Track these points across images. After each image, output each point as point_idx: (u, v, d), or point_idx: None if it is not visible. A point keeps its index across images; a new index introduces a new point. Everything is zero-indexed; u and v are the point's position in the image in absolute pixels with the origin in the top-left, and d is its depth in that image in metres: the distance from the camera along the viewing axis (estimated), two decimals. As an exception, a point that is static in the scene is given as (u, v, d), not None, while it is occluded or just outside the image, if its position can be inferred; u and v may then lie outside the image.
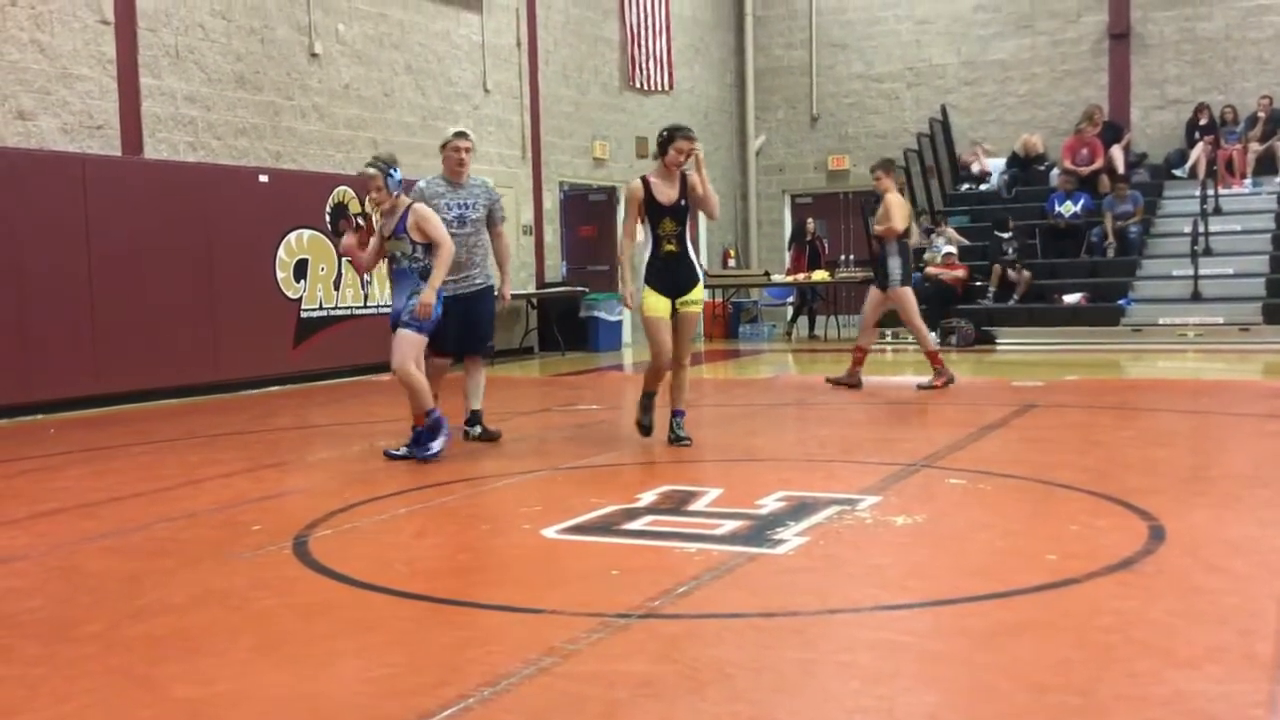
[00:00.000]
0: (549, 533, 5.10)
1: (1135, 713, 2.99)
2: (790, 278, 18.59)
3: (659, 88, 19.14)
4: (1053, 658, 3.40)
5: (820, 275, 18.13)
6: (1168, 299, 15.57)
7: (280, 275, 12.42)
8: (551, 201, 17.03)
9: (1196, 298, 15.31)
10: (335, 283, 13.04)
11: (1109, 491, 5.63)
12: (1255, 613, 3.75)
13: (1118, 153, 17.53)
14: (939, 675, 3.32)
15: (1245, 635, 3.52)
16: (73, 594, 4.44)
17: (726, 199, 20.41)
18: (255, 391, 11.99)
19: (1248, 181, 17.24)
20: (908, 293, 10.17)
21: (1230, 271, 15.56)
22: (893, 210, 10.01)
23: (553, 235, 17.13)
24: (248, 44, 12.40)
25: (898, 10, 20.38)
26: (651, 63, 18.94)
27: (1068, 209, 16.97)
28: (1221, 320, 14.87)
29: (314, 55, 13.12)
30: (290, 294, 12.57)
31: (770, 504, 5.53)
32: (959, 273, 16.41)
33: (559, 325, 16.28)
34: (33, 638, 3.88)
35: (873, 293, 10.42)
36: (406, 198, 7.23)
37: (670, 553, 4.69)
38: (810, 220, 19.46)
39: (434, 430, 7.10)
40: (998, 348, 15.23)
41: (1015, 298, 16.11)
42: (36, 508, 6.14)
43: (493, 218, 7.88)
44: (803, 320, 19.22)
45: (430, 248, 7.04)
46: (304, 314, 12.73)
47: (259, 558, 4.87)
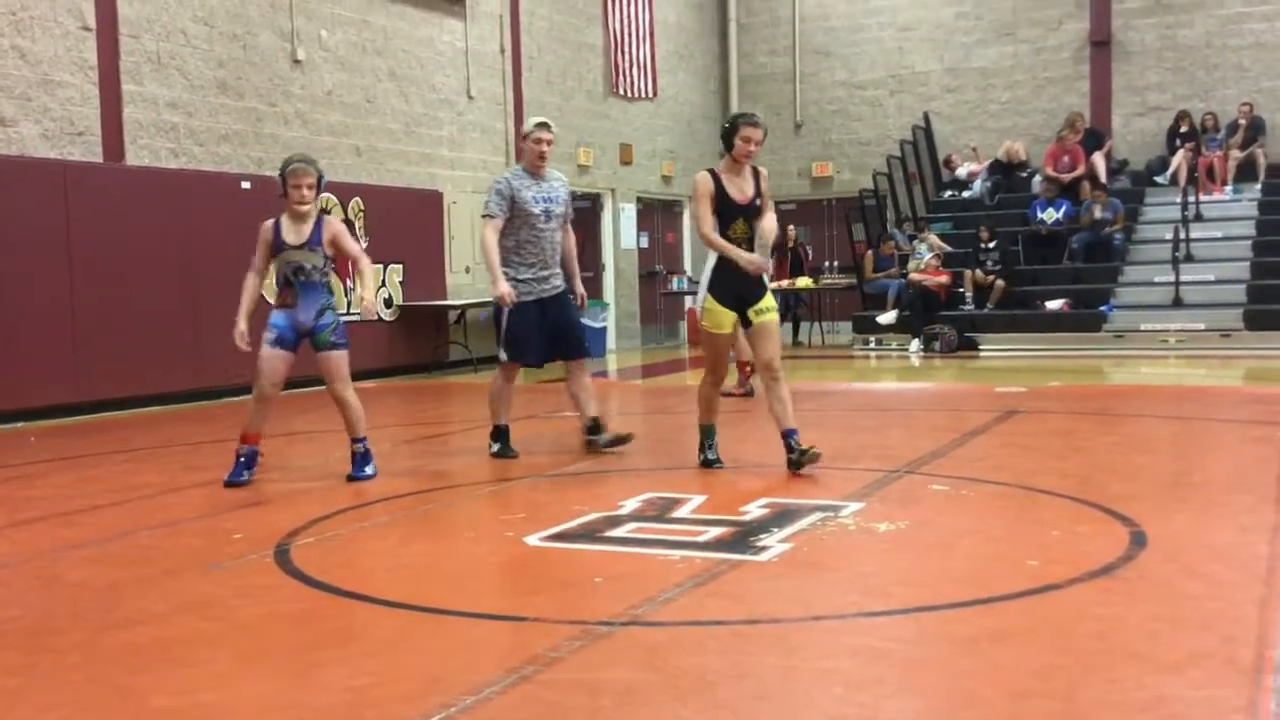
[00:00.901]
0: (532, 540, 5.09)
1: (1117, 718, 3.00)
2: (774, 285, 18.59)
3: (643, 94, 19.15)
4: (1035, 664, 3.40)
5: (804, 282, 18.17)
6: (1149, 305, 15.63)
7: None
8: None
9: (1178, 304, 15.38)
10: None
11: (1091, 497, 5.65)
12: (1236, 618, 3.76)
13: (1099, 160, 17.61)
14: (921, 682, 3.32)
15: (1227, 641, 3.53)
16: (52, 603, 4.41)
17: (710, 205, 20.38)
18: (237, 399, 11.92)
19: (1228, 188, 17.35)
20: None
21: (1211, 278, 15.64)
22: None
23: (536, 242, 17.10)
24: (230, 50, 12.37)
25: (880, 18, 20.44)
26: (635, 69, 18.95)
27: (1050, 216, 17.05)
28: (1203, 326, 14.94)
29: (296, 61, 13.09)
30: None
31: (754, 511, 5.53)
32: (942, 279, 16.46)
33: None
34: (11, 647, 3.85)
35: None
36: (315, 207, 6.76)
37: (653, 560, 4.69)
38: (792, 227, 19.48)
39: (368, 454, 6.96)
40: (980, 354, 15.28)
41: (989, 305, 16.16)
42: (16, 516, 6.10)
43: (566, 214, 7.62)
44: (786, 327, 19.24)
45: (331, 261, 6.74)
46: (287, 321, 12.67)
47: (240, 566, 4.84)
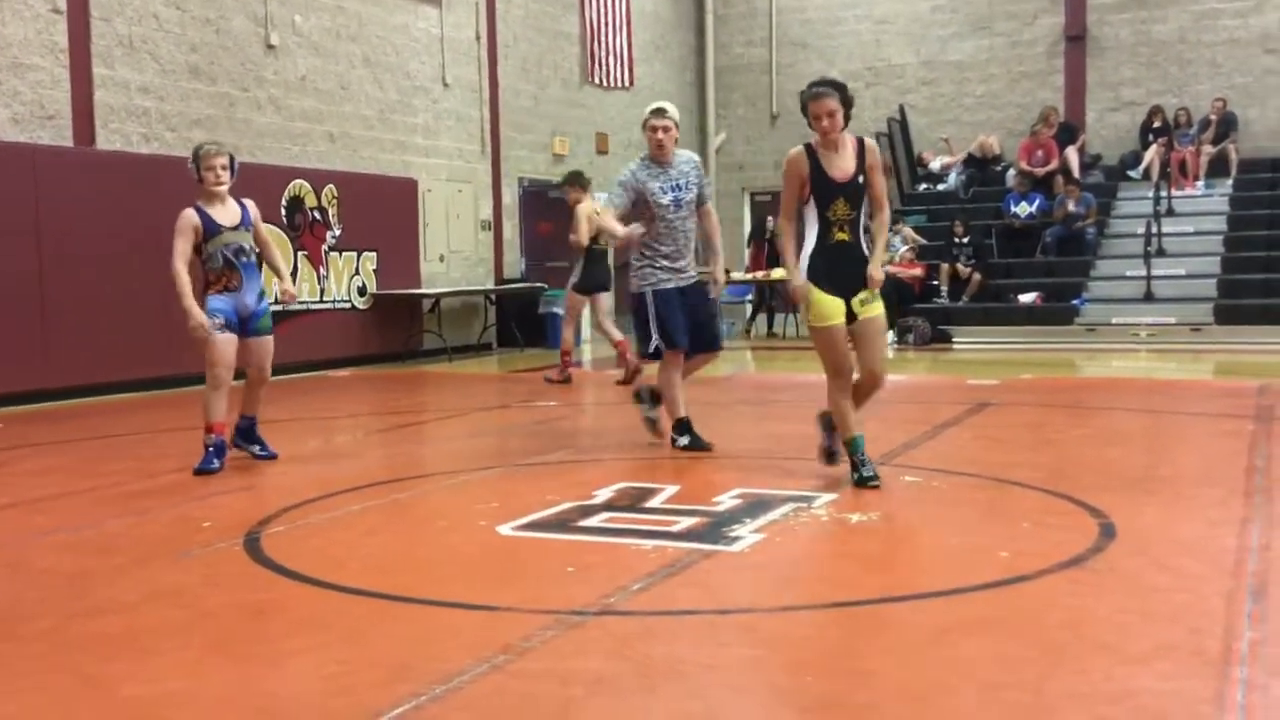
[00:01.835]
0: (504, 529, 5.08)
1: (1085, 710, 3.02)
2: (749, 275, 18.64)
3: (619, 84, 19.12)
4: (1004, 655, 3.42)
5: (779, 273, 18.17)
6: (1121, 299, 15.72)
7: (235, 269, 12.28)
8: (510, 197, 16.97)
9: (1149, 298, 15.47)
10: (291, 276, 12.91)
11: (1062, 489, 5.68)
12: (1204, 611, 3.79)
13: (1073, 154, 17.69)
14: (891, 672, 3.33)
15: (1194, 633, 3.56)
16: (20, 591, 4.37)
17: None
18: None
19: (1200, 183, 17.46)
20: (575, 297, 11.25)
21: (1183, 272, 15.74)
22: (579, 221, 10.96)
23: (512, 231, 17.06)
24: (203, 34, 12.26)
25: (857, 10, 20.46)
26: (611, 59, 18.91)
27: (1023, 210, 17.12)
28: (1174, 320, 15.03)
29: (270, 46, 13.00)
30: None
31: (727, 501, 5.53)
32: (916, 272, 16.51)
33: (517, 321, 16.21)
34: (-23, 635, 3.82)
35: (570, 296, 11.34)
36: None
37: (626, 550, 4.69)
38: (770, 218, 19.51)
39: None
40: (954, 346, 15.34)
41: (965, 297, 16.23)
42: (-17, 503, 6.04)
43: (701, 195, 7.09)
44: (761, 318, 19.26)
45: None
46: (259, 308, 12.60)
47: (210, 555, 4.82)
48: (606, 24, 18.72)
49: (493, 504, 5.67)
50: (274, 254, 7.08)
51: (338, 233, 13.59)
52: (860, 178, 5.70)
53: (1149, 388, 10.56)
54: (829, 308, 5.68)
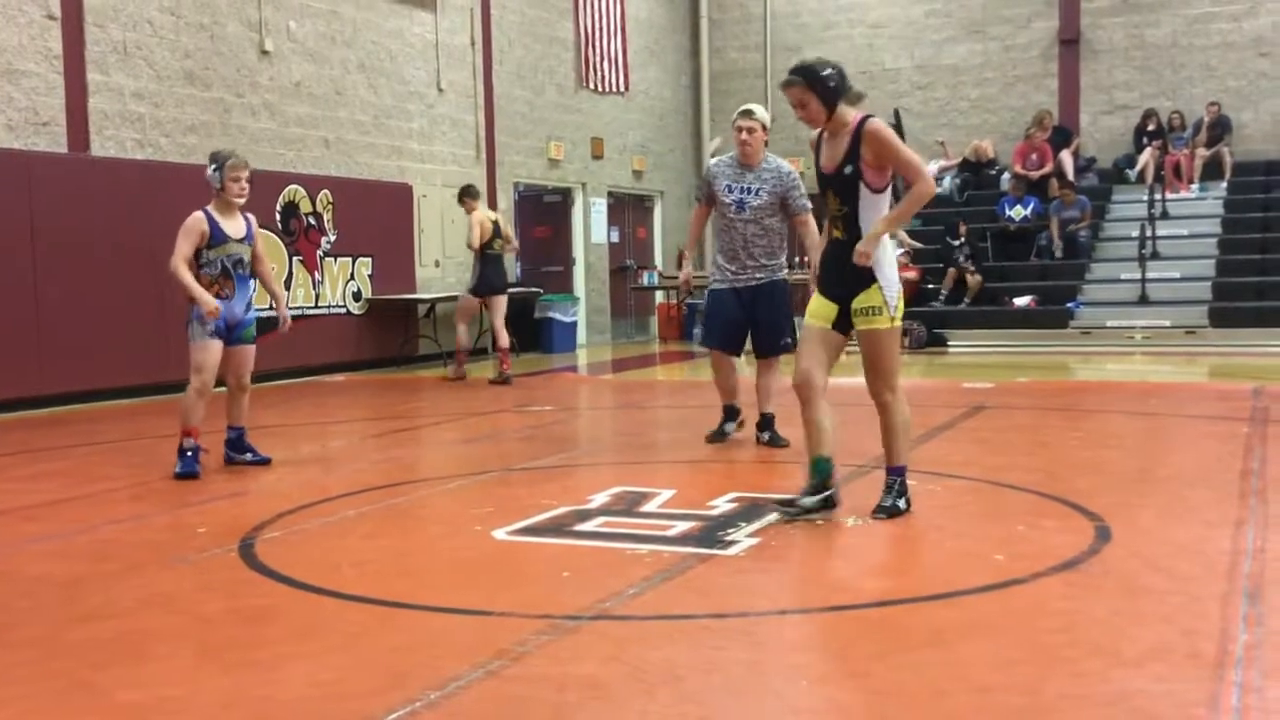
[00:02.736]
0: (500, 534, 5.08)
1: (1080, 712, 3.01)
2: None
3: (614, 89, 19.11)
4: (999, 658, 3.42)
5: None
6: (1116, 302, 15.75)
7: (230, 275, 12.27)
8: (506, 202, 16.96)
9: (1144, 301, 15.50)
10: (286, 282, 12.90)
11: (1057, 492, 5.68)
12: (1199, 613, 3.79)
13: (1067, 158, 17.72)
14: (886, 676, 3.32)
15: (1189, 635, 3.56)
16: (11, 598, 4.36)
17: (682, 200, 20.42)
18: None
19: (1194, 187, 17.50)
20: (468, 299, 12.60)
21: (1177, 275, 15.77)
22: (471, 228, 12.19)
23: (507, 236, 17.05)
24: (197, 40, 12.26)
25: (851, 14, 20.49)
26: (606, 64, 18.91)
27: (1018, 213, 17.15)
28: (1168, 323, 15.05)
29: (264, 52, 12.99)
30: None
31: (722, 505, 5.53)
32: (911, 275, 16.51)
33: (514, 326, 16.18)
34: (-30, 642, 3.80)
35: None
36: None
37: (621, 554, 4.68)
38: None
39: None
40: (949, 349, 15.35)
41: (966, 300, 16.25)
42: (-23, 510, 6.02)
43: (790, 205, 7.17)
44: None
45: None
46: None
47: (204, 561, 4.80)
48: (601, 29, 18.72)
49: (488, 509, 5.66)
50: (269, 274, 7.18)
51: (333, 238, 13.58)
52: (848, 168, 5.11)
53: (1144, 390, 10.57)
54: (813, 305, 5.33)
